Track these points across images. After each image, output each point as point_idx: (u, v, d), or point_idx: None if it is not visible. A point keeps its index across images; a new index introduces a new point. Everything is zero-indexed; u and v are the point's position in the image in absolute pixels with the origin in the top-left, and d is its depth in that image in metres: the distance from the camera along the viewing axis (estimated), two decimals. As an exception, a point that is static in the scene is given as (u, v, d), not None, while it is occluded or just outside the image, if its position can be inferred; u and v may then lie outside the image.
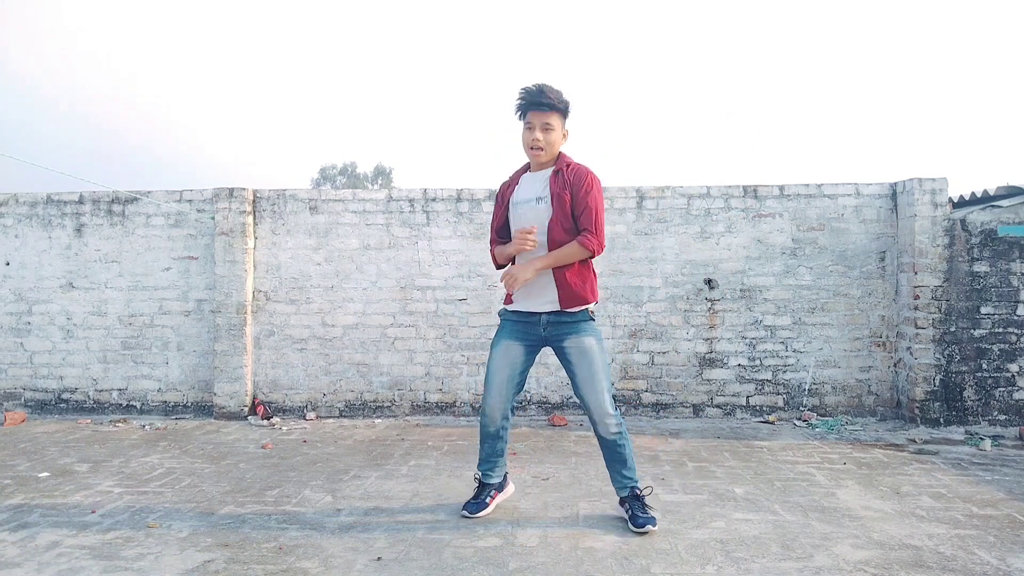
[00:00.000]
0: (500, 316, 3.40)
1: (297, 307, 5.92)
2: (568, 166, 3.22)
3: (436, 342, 5.84)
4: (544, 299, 3.20)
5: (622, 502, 3.28)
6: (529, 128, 3.16)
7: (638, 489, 3.27)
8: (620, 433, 3.22)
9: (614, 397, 3.26)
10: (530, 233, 3.10)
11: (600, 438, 3.26)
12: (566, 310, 3.19)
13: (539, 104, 3.12)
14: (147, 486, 3.91)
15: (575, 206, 3.15)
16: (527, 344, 3.28)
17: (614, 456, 3.26)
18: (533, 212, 3.20)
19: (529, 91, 3.13)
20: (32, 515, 3.43)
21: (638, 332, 5.75)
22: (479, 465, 3.43)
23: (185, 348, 5.97)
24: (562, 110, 3.17)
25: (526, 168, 3.35)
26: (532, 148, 3.17)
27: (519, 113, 3.20)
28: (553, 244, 3.15)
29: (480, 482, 3.43)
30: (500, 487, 3.46)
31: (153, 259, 6.01)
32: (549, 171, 3.25)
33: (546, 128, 3.14)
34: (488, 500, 3.38)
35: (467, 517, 3.30)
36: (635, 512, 3.18)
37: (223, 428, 5.48)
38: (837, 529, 3.18)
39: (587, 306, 3.21)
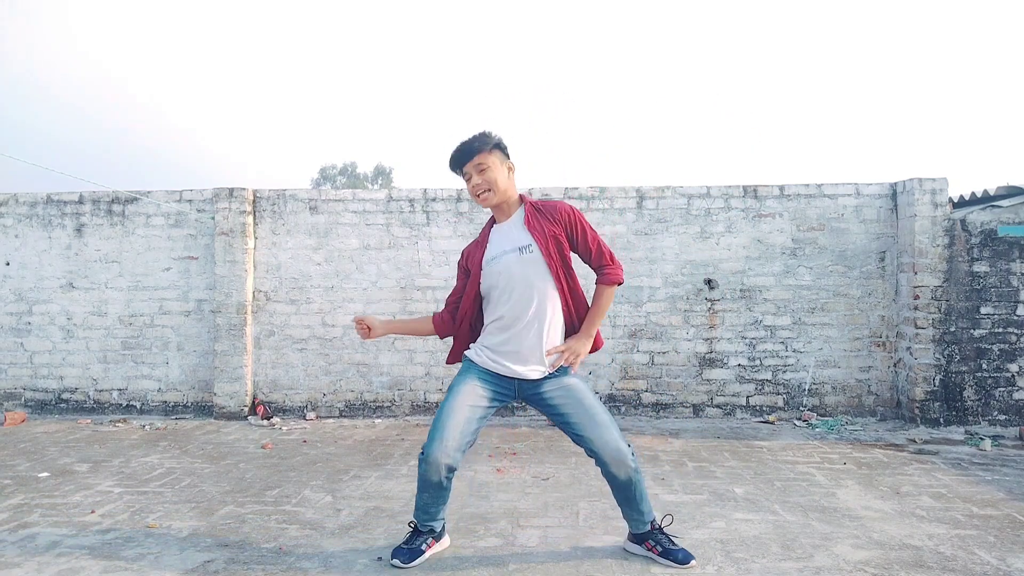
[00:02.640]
0: (466, 358, 2.93)
1: (297, 307, 5.92)
2: (536, 207, 2.89)
3: (436, 342, 5.83)
4: (535, 364, 2.81)
5: (639, 539, 2.89)
6: (467, 179, 2.85)
7: (656, 522, 2.90)
8: (636, 469, 2.77)
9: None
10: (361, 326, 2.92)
11: (613, 479, 2.79)
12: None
13: (462, 155, 2.83)
14: (147, 486, 3.91)
15: (579, 250, 2.88)
16: (496, 391, 2.82)
17: (629, 495, 2.82)
18: (520, 263, 2.79)
19: (451, 154, 2.87)
20: (32, 515, 3.43)
21: (638, 332, 5.75)
22: (416, 513, 2.89)
23: (185, 348, 5.97)
24: (489, 148, 2.82)
25: (491, 224, 2.97)
26: (477, 195, 2.83)
27: (458, 176, 2.91)
28: (560, 293, 2.83)
29: (415, 528, 2.92)
30: (438, 536, 2.95)
31: (153, 259, 6.01)
32: (518, 216, 2.89)
33: (480, 169, 2.80)
34: (424, 548, 2.86)
35: (398, 567, 2.78)
36: (667, 547, 2.82)
37: (223, 428, 5.48)
38: (837, 529, 3.18)
39: None
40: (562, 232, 2.83)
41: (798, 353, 5.69)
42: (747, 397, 5.71)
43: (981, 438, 4.93)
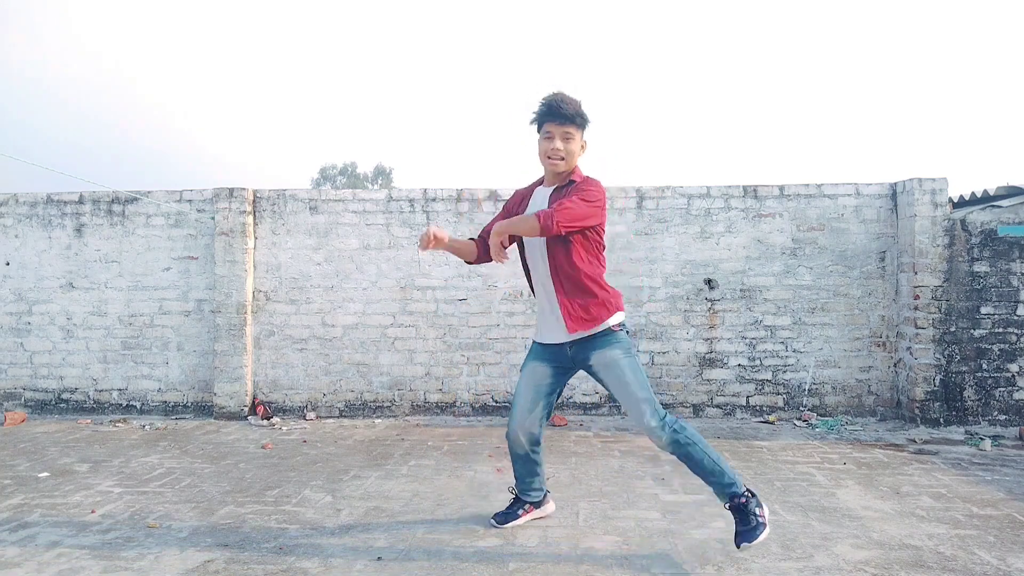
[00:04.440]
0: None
1: (297, 307, 5.92)
2: (570, 183, 2.97)
3: (436, 342, 5.84)
4: (561, 330, 2.96)
5: (731, 510, 2.88)
6: (548, 138, 2.92)
7: (740, 497, 2.83)
8: (675, 442, 2.83)
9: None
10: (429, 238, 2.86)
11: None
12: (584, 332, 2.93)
13: (558, 115, 2.90)
14: (147, 486, 3.91)
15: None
16: (555, 366, 3.06)
17: (686, 463, 2.90)
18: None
19: (549, 101, 2.92)
20: (32, 515, 3.43)
21: (638, 332, 5.75)
22: (516, 483, 3.30)
23: (185, 348, 5.97)
24: (584, 124, 2.95)
25: (540, 181, 3.13)
26: (550, 157, 2.92)
27: (536, 124, 2.98)
28: (558, 268, 2.92)
29: (516, 496, 3.30)
30: (538, 504, 3.31)
31: (153, 259, 6.01)
32: (554, 188, 3.02)
33: (566, 138, 2.92)
34: (520, 513, 3.26)
35: (494, 526, 3.21)
36: (736, 528, 2.82)
37: (223, 428, 5.48)
38: (837, 529, 3.18)
39: (605, 323, 2.92)
40: None
41: (798, 353, 5.69)
42: (747, 397, 5.71)
43: (981, 438, 4.93)
